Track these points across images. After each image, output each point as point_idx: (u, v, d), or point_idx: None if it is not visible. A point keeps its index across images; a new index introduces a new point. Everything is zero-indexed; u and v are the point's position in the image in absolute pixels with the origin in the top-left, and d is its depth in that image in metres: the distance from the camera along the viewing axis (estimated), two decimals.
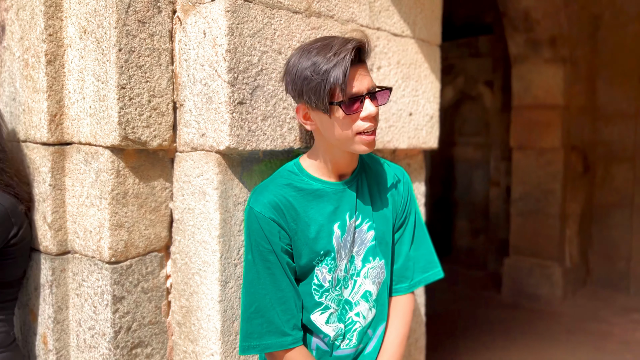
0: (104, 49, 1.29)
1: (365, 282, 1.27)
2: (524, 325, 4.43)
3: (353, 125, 1.12)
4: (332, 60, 1.06)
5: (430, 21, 1.78)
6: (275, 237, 1.14)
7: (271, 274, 1.15)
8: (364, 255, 1.27)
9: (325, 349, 1.25)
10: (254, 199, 1.17)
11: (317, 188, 1.20)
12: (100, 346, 1.38)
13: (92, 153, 1.37)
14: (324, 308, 1.22)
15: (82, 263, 1.43)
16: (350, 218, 1.23)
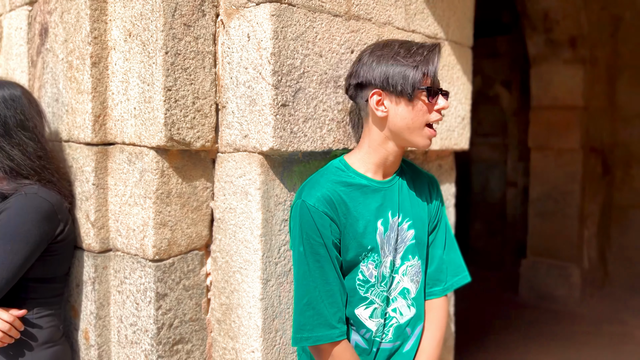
0: (150, 51, 1.32)
1: (404, 279, 1.30)
2: (541, 326, 4.42)
3: (430, 115, 1.22)
4: (423, 53, 1.18)
5: (463, 23, 1.80)
6: (326, 230, 1.17)
7: (320, 267, 1.18)
8: (404, 254, 1.30)
9: (363, 346, 1.28)
10: (306, 193, 1.20)
11: (364, 184, 1.24)
12: (143, 342, 1.42)
13: (136, 153, 1.40)
14: (368, 303, 1.25)
15: (124, 261, 1.46)
16: (392, 216, 1.26)
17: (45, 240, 1.39)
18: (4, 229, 1.33)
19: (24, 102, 1.45)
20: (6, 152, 1.40)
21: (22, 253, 1.34)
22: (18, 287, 1.38)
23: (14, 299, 1.39)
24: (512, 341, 4.05)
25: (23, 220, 1.35)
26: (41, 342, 1.42)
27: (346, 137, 1.45)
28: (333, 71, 1.39)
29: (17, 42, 1.80)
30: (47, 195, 1.41)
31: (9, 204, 1.36)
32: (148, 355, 1.40)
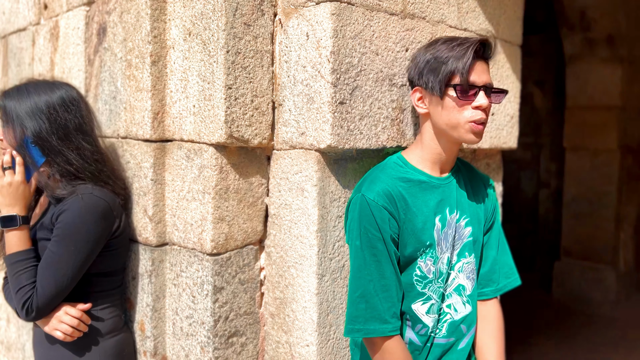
0: (211, 50, 1.35)
1: (459, 276, 1.31)
2: (574, 329, 4.36)
3: (464, 112, 1.19)
4: (455, 49, 1.17)
5: (513, 21, 1.79)
6: (385, 225, 1.18)
7: (377, 261, 1.19)
8: (460, 250, 1.31)
9: (417, 343, 1.28)
10: (366, 187, 1.21)
11: (423, 180, 1.26)
12: (199, 334, 1.45)
13: (195, 150, 1.43)
14: (426, 298, 1.26)
15: (180, 254, 1.50)
16: (450, 213, 1.27)
17: (104, 237, 1.43)
18: (65, 230, 1.37)
19: (81, 104, 1.49)
20: (65, 157, 1.43)
21: (84, 251, 1.38)
22: (82, 282, 1.43)
23: (78, 294, 1.44)
24: (544, 344, 4.01)
25: (82, 220, 1.38)
26: (105, 332, 1.47)
27: (400, 135, 1.46)
28: (388, 69, 1.41)
29: (74, 41, 1.86)
30: (102, 194, 1.44)
31: (66, 205, 1.39)
32: (204, 347, 1.44)
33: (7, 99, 1.41)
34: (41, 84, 1.45)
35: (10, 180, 1.38)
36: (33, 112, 1.39)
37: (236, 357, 1.46)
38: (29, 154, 1.40)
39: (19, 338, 2.49)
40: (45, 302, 1.34)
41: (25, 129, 1.39)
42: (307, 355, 1.38)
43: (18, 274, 1.35)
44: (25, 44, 2.22)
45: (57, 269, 1.34)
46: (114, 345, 1.49)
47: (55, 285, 1.34)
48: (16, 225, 1.37)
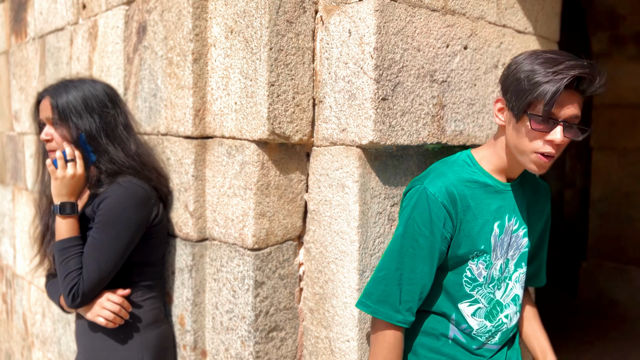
0: (254, 48, 1.37)
1: (516, 286, 1.31)
2: (601, 330, 4.30)
3: (533, 142, 1.13)
4: (549, 76, 1.07)
5: (550, 18, 1.78)
6: (439, 222, 1.17)
7: (413, 254, 1.19)
8: (517, 261, 1.31)
9: (462, 340, 1.28)
10: (429, 180, 1.20)
11: (489, 184, 1.24)
12: (239, 328, 1.47)
13: (236, 146, 1.45)
14: (473, 301, 1.25)
15: (220, 250, 1.52)
16: (509, 220, 1.26)
17: (144, 224, 1.46)
18: (106, 217, 1.41)
19: (124, 102, 1.52)
20: (109, 155, 1.46)
21: (125, 237, 1.41)
22: (123, 271, 1.46)
23: (121, 283, 1.47)
24: (570, 345, 3.96)
25: (123, 206, 1.42)
26: (147, 323, 1.50)
27: (440, 131, 1.46)
28: (429, 65, 1.41)
29: (113, 40, 1.89)
30: (141, 182, 1.48)
31: (107, 193, 1.43)
32: (245, 342, 1.45)
33: (58, 96, 1.44)
34: (81, 80, 1.49)
35: (73, 173, 1.42)
36: (85, 108, 1.43)
37: (276, 352, 1.48)
38: (85, 150, 1.44)
39: (55, 332, 2.54)
40: (90, 287, 1.37)
41: (78, 126, 1.42)
42: (348, 350, 1.39)
43: (66, 260, 1.38)
44: (63, 43, 2.26)
45: (99, 255, 1.37)
46: (155, 337, 1.52)
47: (98, 270, 1.37)
48: (74, 213, 1.41)
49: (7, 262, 3.17)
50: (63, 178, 1.42)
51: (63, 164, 1.43)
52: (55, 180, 1.44)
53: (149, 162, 1.55)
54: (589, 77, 1.09)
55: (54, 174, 1.43)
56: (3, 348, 3.35)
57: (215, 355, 1.56)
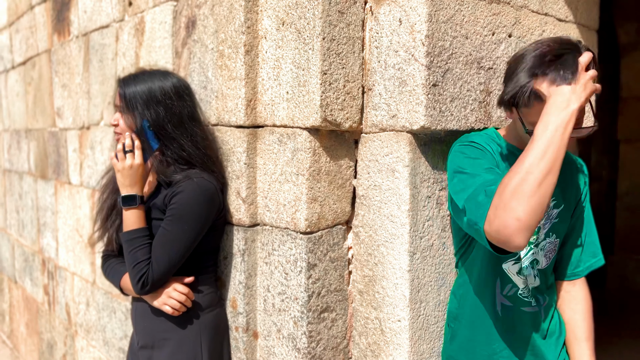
0: (306, 38, 1.42)
1: (539, 253, 1.35)
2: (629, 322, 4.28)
3: None
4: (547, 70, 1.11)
5: (590, 6, 1.80)
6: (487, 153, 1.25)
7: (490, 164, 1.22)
8: (547, 230, 1.34)
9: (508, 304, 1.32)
10: (459, 141, 1.30)
11: (514, 152, 1.29)
12: (292, 309, 1.52)
13: (288, 134, 1.50)
14: (517, 259, 1.30)
15: (272, 234, 1.57)
16: None
17: (211, 218, 1.53)
18: (179, 211, 1.47)
19: (192, 93, 1.58)
20: (179, 143, 1.52)
21: (195, 231, 1.48)
22: (188, 259, 1.52)
23: (184, 270, 1.53)
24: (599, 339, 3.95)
25: (195, 202, 1.48)
26: (205, 307, 1.56)
27: (486, 117, 1.50)
28: (477, 52, 1.45)
29: (161, 35, 1.96)
30: (210, 178, 1.54)
31: (180, 187, 1.49)
32: (297, 322, 1.51)
33: (126, 85, 1.51)
34: (155, 72, 1.55)
35: (131, 163, 1.48)
36: (150, 99, 1.49)
37: (327, 332, 1.53)
38: (146, 138, 1.50)
39: (99, 320, 2.63)
40: (160, 276, 1.44)
41: (143, 116, 1.49)
42: (399, 330, 1.43)
43: (135, 250, 1.45)
44: (108, 40, 2.34)
45: (170, 246, 1.44)
46: (212, 319, 1.58)
47: (168, 261, 1.44)
48: (135, 204, 1.48)
49: (49, 254, 3.27)
50: (123, 169, 1.49)
51: (122, 155, 1.50)
52: (117, 172, 1.51)
53: (214, 153, 1.61)
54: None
55: (116, 167, 1.50)
56: (45, 338, 3.46)
57: (266, 337, 1.62)
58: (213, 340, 1.59)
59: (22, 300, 3.96)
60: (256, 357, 1.66)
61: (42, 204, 3.32)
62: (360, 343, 1.56)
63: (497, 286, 1.33)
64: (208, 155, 1.56)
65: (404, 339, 1.42)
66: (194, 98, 1.59)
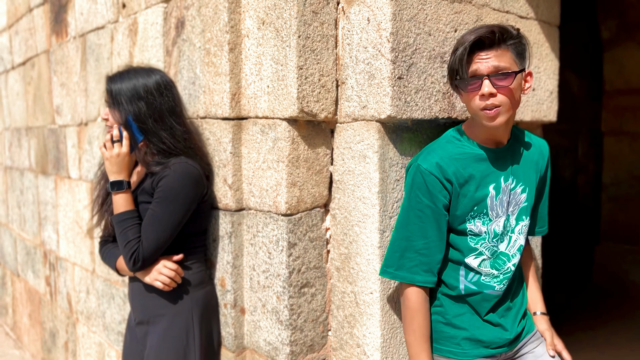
0: (284, 36, 1.56)
1: (520, 237, 1.48)
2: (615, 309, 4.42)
3: (475, 101, 1.33)
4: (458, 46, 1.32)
5: (551, 4, 1.94)
6: (436, 192, 1.37)
7: (422, 223, 1.38)
8: (518, 215, 1.47)
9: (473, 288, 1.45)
10: (422, 158, 1.40)
11: (477, 152, 1.41)
12: (275, 285, 1.66)
13: (269, 125, 1.64)
14: (478, 253, 1.43)
15: (256, 217, 1.71)
16: (505, 181, 1.43)
17: (196, 200, 1.66)
18: (165, 193, 1.61)
19: (174, 89, 1.71)
20: (159, 136, 1.66)
21: (181, 211, 1.61)
22: (176, 239, 1.66)
23: (173, 249, 1.67)
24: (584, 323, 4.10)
25: (180, 184, 1.62)
26: (195, 284, 1.70)
27: (450, 107, 1.64)
28: (440, 48, 1.58)
29: (153, 35, 2.10)
30: (194, 164, 1.68)
31: (166, 172, 1.62)
32: (280, 296, 1.65)
33: (112, 83, 1.64)
34: (140, 70, 1.69)
35: (119, 152, 1.62)
36: (133, 95, 1.62)
37: (307, 306, 1.67)
38: (132, 131, 1.64)
39: (99, 307, 2.77)
40: (149, 253, 1.58)
41: (127, 110, 1.63)
42: (371, 301, 1.57)
43: (125, 230, 1.59)
44: (104, 40, 2.48)
45: (159, 226, 1.58)
46: (202, 296, 1.72)
47: (157, 239, 1.58)
48: (123, 189, 1.62)
49: (50, 247, 3.41)
50: (111, 157, 1.63)
51: (110, 145, 1.64)
52: (106, 160, 1.65)
53: (195, 144, 1.74)
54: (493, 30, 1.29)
55: (104, 155, 1.64)
56: (47, 327, 3.60)
57: (253, 312, 1.76)
58: (204, 315, 1.72)
59: (24, 293, 4.10)
60: (244, 331, 1.80)
61: (43, 199, 3.46)
62: (338, 315, 1.70)
63: (461, 274, 1.47)
64: (190, 147, 1.69)
65: (375, 309, 1.56)
66: (175, 93, 1.71)
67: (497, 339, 1.47)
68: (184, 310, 1.69)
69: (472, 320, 1.47)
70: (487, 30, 1.30)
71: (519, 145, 1.50)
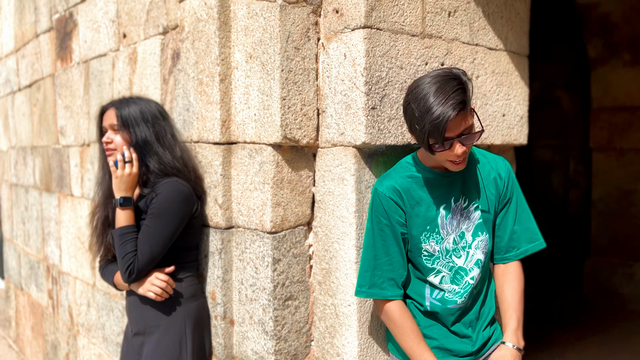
0: (269, 70, 1.71)
1: (477, 252, 1.60)
2: (605, 322, 4.52)
3: (441, 157, 1.44)
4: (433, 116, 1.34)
5: (520, 35, 2.09)
6: (393, 213, 1.51)
7: (383, 241, 1.52)
8: (473, 231, 1.59)
9: (438, 304, 1.58)
10: (378, 183, 1.56)
11: (428, 176, 1.55)
12: (261, 298, 1.79)
13: (256, 149, 1.78)
14: (436, 272, 1.56)
15: (244, 235, 1.85)
16: (455, 202, 1.56)
17: (187, 215, 1.80)
18: (158, 209, 1.75)
19: (170, 117, 1.87)
20: (159, 157, 1.81)
21: (172, 226, 1.75)
22: (169, 253, 1.80)
23: (166, 263, 1.81)
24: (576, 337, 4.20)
25: (172, 201, 1.76)
26: (187, 297, 1.84)
27: None
28: (411, 80, 1.73)
29: (151, 64, 2.25)
30: (184, 182, 1.82)
31: (158, 190, 1.77)
32: (265, 309, 1.78)
33: (122, 108, 1.80)
34: (141, 99, 1.85)
35: (130, 171, 1.77)
36: (141, 119, 1.78)
37: (291, 317, 1.80)
38: (141, 152, 1.79)
39: (99, 319, 2.90)
40: (143, 266, 1.72)
41: (137, 133, 1.78)
42: (349, 313, 1.70)
43: (125, 243, 1.73)
44: (106, 67, 2.64)
45: (152, 240, 1.71)
46: (195, 308, 1.85)
47: (150, 252, 1.71)
48: (131, 205, 1.77)
49: (53, 261, 3.55)
50: (122, 176, 1.78)
51: (122, 164, 1.78)
52: (115, 178, 1.79)
53: (190, 165, 1.89)
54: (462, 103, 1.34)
55: (115, 173, 1.79)
56: (49, 340, 3.73)
57: (241, 323, 1.89)
58: (196, 326, 1.86)
59: (27, 306, 4.23)
60: (233, 341, 1.93)
61: (47, 215, 3.60)
62: (320, 326, 1.83)
63: (426, 292, 1.59)
64: (185, 166, 1.84)
65: (353, 320, 1.69)
66: (171, 120, 1.88)
67: (464, 348, 1.60)
68: (177, 321, 1.82)
69: (441, 332, 1.60)
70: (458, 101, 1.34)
71: (472, 165, 1.61)
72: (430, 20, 1.78)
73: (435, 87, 1.37)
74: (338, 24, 1.69)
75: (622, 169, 4.99)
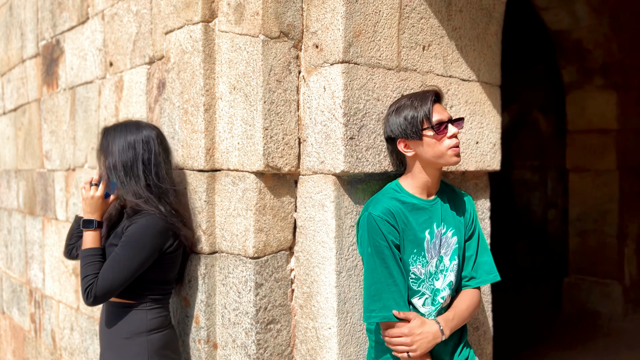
0: (252, 101, 1.78)
1: (450, 274, 1.69)
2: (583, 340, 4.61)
3: (443, 143, 1.59)
4: (418, 103, 1.60)
5: (492, 67, 2.19)
6: (390, 235, 1.57)
7: (385, 264, 1.58)
8: (450, 256, 1.69)
9: None
10: (372, 207, 1.61)
11: (414, 202, 1.64)
12: (243, 322, 1.84)
13: (239, 177, 1.85)
14: (421, 294, 1.63)
15: (228, 260, 1.90)
16: (437, 227, 1.65)
17: (157, 250, 1.80)
18: (129, 239, 1.77)
19: (156, 142, 1.89)
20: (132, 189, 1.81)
21: (138, 258, 1.76)
22: (137, 285, 1.81)
23: (133, 294, 1.83)
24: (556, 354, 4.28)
25: (142, 233, 1.77)
26: (152, 328, 1.83)
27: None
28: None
29: (137, 92, 2.31)
30: (166, 213, 1.82)
31: (135, 220, 1.80)
32: (248, 332, 1.82)
33: (104, 137, 1.85)
34: (130, 126, 1.87)
35: (93, 194, 1.83)
36: (119, 150, 1.82)
37: (273, 341, 1.85)
38: (108, 178, 1.84)
39: (82, 343, 2.90)
40: (103, 292, 1.72)
41: (107, 161, 1.83)
42: (330, 335, 1.76)
43: (87, 265, 1.76)
44: (92, 94, 2.69)
45: (116, 267, 1.73)
46: (159, 339, 1.84)
47: (112, 279, 1.73)
48: (92, 227, 1.81)
49: (36, 285, 3.54)
50: (86, 198, 1.85)
51: (88, 187, 1.86)
52: (82, 201, 1.86)
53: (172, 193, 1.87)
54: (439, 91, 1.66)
55: (82, 196, 1.86)
56: None
57: (224, 347, 1.93)
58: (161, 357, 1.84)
59: (9, 330, 4.20)
60: None
61: (30, 238, 3.61)
62: (301, 349, 1.87)
63: None
64: (165, 197, 1.84)
65: (333, 343, 1.75)
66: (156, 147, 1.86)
67: None
68: (140, 353, 1.81)
69: None
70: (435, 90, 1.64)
71: (447, 196, 1.73)
72: (406, 55, 1.87)
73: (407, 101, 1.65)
74: (318, 59, 1.77)
75: (598, 190, 5.13)
